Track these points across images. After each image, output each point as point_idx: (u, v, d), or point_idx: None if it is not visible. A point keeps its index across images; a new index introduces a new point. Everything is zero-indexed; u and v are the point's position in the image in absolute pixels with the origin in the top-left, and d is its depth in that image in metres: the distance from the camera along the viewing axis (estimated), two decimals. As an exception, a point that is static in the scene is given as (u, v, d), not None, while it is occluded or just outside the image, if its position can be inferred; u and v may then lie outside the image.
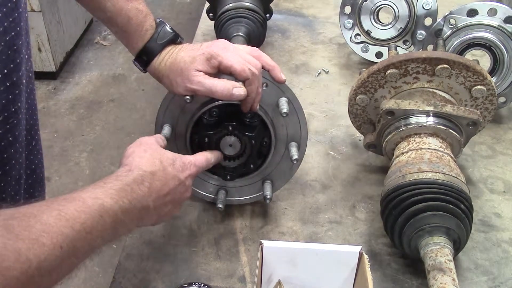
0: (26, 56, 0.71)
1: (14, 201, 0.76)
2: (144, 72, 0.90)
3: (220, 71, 0.83)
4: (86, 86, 3.19)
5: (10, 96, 0.69)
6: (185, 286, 0.80)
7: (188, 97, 0.83)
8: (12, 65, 0.68)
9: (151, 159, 0.72)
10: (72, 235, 0.53)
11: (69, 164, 2.59)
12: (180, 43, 0.89)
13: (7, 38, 0.66)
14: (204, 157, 0.82)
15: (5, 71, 0.67)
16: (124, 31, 0.87)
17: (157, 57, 0.86)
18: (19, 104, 0.71)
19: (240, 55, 0.82)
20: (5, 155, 0.72)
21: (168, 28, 0.88)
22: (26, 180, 0.80)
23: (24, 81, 0.72)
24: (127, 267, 0.87)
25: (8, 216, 0.50)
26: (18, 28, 0.68)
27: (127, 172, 0.67)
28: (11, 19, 0.66)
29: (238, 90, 0.80)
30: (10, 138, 0.71)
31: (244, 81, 0.82)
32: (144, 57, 0.87)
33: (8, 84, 0.68)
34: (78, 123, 2.88)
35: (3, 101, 0.68)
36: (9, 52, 0.67)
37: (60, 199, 0.56)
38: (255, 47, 0.87)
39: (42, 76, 3.10)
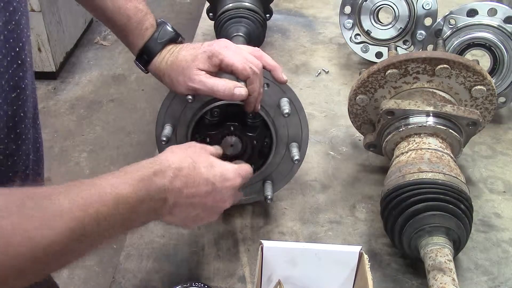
0: (28, 34, 0.73)
1: (24, 176, 0.77)
2: (146, 72, 0.90)
3: (222, 69, 0.82)
4: (86, 86, 3.19)
5: (21, 74, 0.70)
6: (185, 286, 0.80)
7: (190, 97, 0.83)
8: (20, 44, 0.69)
9: (183, 156, 0.71)
10: (85, 219, 0.54)
11: (69, 164, 2.59)
12: (181, 42, 0.89)
13: (16, 17, 0.67)
14: (248, 168, 0.81)
15: (17, 49, 0.68)
16: (124, 30, 0.87)
17: (158, 55, 0.86)
18: (26, 80, 0.73)
19: (241, 54, 0.83)
20: (17, 130, 0.73)
21: (169, 27, 0.88)
22: (32, 156, 0.81)
23: (28, 58, 0.73)
24: (127, 267, 0.87)
25: (26, 195, 0.51)
26: (22, 8, 0.69)
27: (151, 164, 0.67)
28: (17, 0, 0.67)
29: (240, 90, 0.80)
30: (21, 114, 0.73)
31: (246, 80, 0.82)
32: (145, 56, 0.87)
33: (19, 62, 0.69)
34: (78, 123, 2.88)
35: (16, 78, 0.69)
36: (18, 31, 0.68)
37: (78, 183, 0.57)
38: (257, 47, 0.87)
39: (42, 76, 3.10)
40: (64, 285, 1.92)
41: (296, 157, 0.89)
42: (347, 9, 1.39)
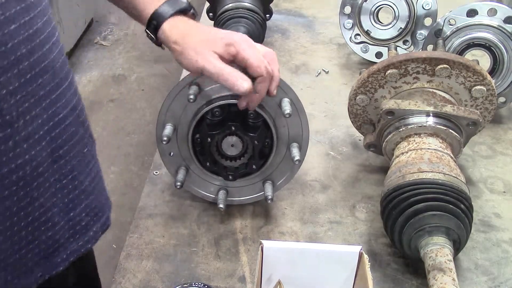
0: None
1: None
2: (156, 42, 0.87)
3: (236, 61, 0.81)
4: (86, 86, 3.19)
5: None
6: (185, 286, 0.80)
7: (191, 96, 0.83)
8: None
9: None
10: None
11: (69, 164, 2.58)
12: (194, 16, 0.87)
13: None
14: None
15: None
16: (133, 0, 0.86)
17: (168, 20, 0.83)
18: None
19: (258, 52, 0.81)
20: None
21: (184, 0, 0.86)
22: None
23: None
24: (127, 267, 0.87)
25: None
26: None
27: None
28: None
29: (243, 83, 0.78)
30: None
31: (257, 77, 0.80)
32: (154, 22, 0.84)
33: None
34: (78, 123, 2.88)
35: None
36: None
37: None
38: (271, 50, 0.85)
39: (42, 76, 3.10)
40: (64, 285, 1.93)
41: (297, 158, 0.89)
42: (347, 9, 1.40)
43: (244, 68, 0.80)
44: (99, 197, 0.83)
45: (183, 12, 0.85)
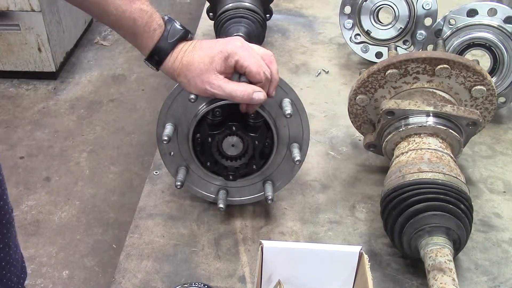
0: None
1: None
2: (157, 71, 0.88)
3: (236, 70, 0.82)
4: (86, 86, 3.18)
5: None
6: (185, 286, 0.80)
7: (192, 97, 0.83)
8: None
9: None
10: None
11: (69, 164, 2.58)
12: (191, 38, 0.87)
13: None
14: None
15: None
16: (131, 33, 0.85)
17: (170, 55, 0.84)
18: None
19: (256, 56, 0.82)
20: None
21: (177, 25, 0.86)
22: None
23: None
24: (127, 267, 0.87)
25: None
26: None
27: None
28: None
29: (258, 94, 0.80)
30: None
31: (256, 84, 0.81)
32: (156, 57, 0.85)
33: None
34: (78, 123, 2.88)
35: None
36: None
37: None
38: (269, 51, 0.85)
39: (42, 76, 3.10)
40: (64, 285, 1.93)
41: (297, 158, 0.89)
42: (347, 9, 1.39)
43: (243, 73, 0.81)
44: (8, 281, 0.78)
45: (181, 39, 0.85)
